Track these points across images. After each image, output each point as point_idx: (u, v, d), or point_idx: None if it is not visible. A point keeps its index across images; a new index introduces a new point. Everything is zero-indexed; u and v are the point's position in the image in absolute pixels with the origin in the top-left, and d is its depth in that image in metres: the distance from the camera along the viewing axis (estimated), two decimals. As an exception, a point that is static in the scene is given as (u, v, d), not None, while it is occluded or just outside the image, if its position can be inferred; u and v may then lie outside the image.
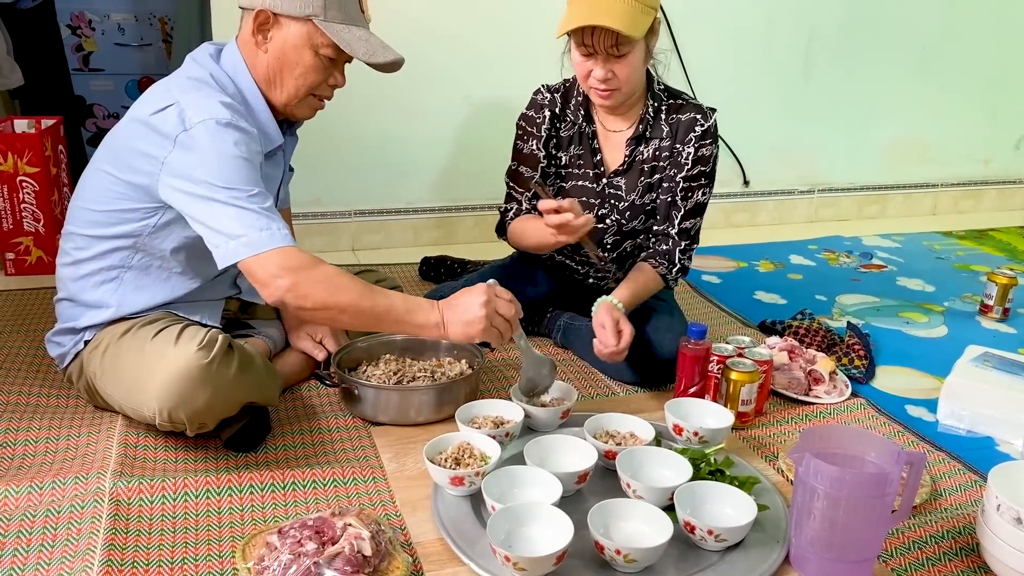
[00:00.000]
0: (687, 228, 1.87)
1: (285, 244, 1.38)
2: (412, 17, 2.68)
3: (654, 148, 1.85)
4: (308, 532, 1.18)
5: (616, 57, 1.67)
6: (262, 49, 1.54)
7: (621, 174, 1.88)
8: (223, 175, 1.38)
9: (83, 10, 3.74)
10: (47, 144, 2.41)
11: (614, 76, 1.70)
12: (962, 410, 1.81)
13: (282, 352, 1.82)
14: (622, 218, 1.90)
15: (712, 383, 1.74)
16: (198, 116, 1.41)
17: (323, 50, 1.54)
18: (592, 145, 1.89)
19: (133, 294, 1.57)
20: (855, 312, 2.48)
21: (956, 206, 3.79)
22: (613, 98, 1.75)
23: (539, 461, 1.42)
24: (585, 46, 1.68)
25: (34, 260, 2.44)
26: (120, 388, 1.49)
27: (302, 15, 1.51)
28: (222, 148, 1.40)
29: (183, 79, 1.52)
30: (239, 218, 1.37)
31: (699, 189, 1.85)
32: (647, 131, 1.85)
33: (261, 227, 1.37)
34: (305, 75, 1.56)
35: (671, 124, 1.84)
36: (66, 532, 1.26)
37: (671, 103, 1.86)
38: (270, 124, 1.59)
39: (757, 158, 3.33)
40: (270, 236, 1.37)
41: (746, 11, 3.12)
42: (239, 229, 1.37)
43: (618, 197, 1.89)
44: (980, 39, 3.50)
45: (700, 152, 1.83)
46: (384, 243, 2.90)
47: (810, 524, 1.23)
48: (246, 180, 1.40)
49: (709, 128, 1.83)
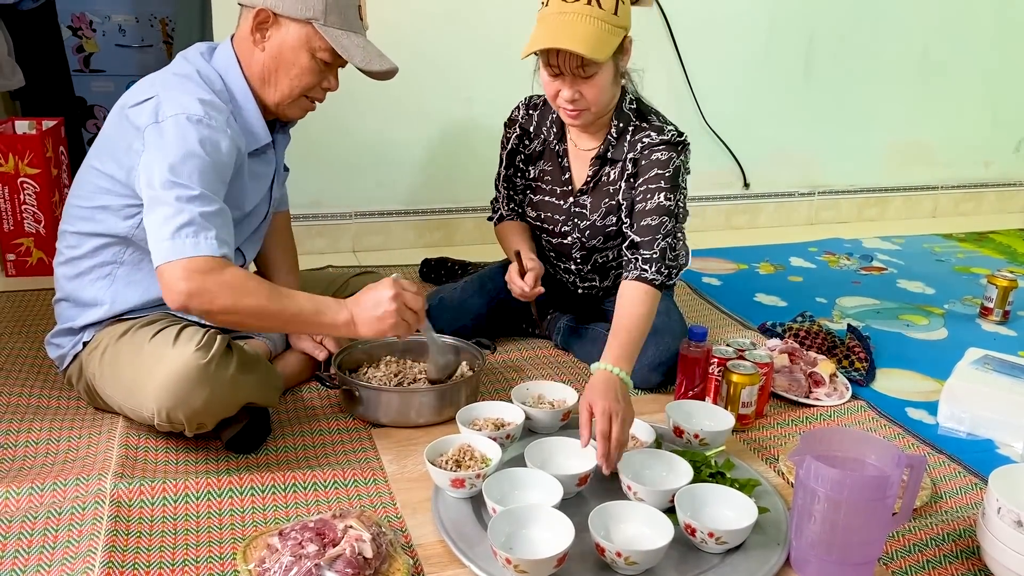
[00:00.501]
0: (651, 225, 1.72)
1: (208, 253, 1.35)
2: (414, 18, 2.68)
3: (618, 169, 1.82)
4: (309, 534, 1.18)
5: (583, 78, 1.63)
6: (259, 47, 1.55)
7: (586, 192, 1.86)
8: (177, 170, 1.37)
9: (84, 11, 3.74)
10: (48, 145, 2.41)
11: (582, 96, 1.66)
12: (962, 413, 1.81)
13: (282, 353, 1.82)
14: (582, 236, 1.88)
15: (712, 385, 1.74)
16: (171, 110, 1.42)
17: (320, 53, 1.54)
18: (562, 163, 1.88)
19: (126, 290, 1.56)
20: (855, 314, 2.48)
21: (956, 208, 3.79)
22: (582, 118, 1.72)
23: (540, 463, 1.42)
24: (551, 67, 1.64)
25: (35, 261, 2.44)
26: (119, 389, 1.49)
27: (302, 17, 1.51)
28: (186, 144, 1.39)
29: (169, 75, 1.53)
30: (171, 221, 1.35)
31: (659, 192, 1.73)
32: (608, 151, 1.81)
33: (188, 233, 1.35)
34: (300, 76, 1.56)
35: (631, 145, 1.79)
36: (67, 534, 1.26)
37: (636, 125, 1.79)
38: (257, 122, 1.59)
39: (757, 160, 3.34)
40: (194, 244, 1.34)
41: (747, 14, 3.12)
42: (166, 233, 1.35)
43: (581, 216, 1.87)
44: (980, 42, 3.51)
45: (652, 156, 1.75)
46: (385, 245, 2.90)
47: (811, 527, 1.23)
48: (199, 180, 1.38)
49: (664, 139, 1.75)
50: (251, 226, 1.70)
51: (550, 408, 1.65)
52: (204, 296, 1.34)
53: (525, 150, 1.94)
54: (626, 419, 1.43)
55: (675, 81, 3.06)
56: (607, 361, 1.52)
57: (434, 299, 2.03)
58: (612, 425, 1.40)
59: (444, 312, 1.97)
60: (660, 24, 2.99)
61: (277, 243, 1.88)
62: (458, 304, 2.00)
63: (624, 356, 1.54)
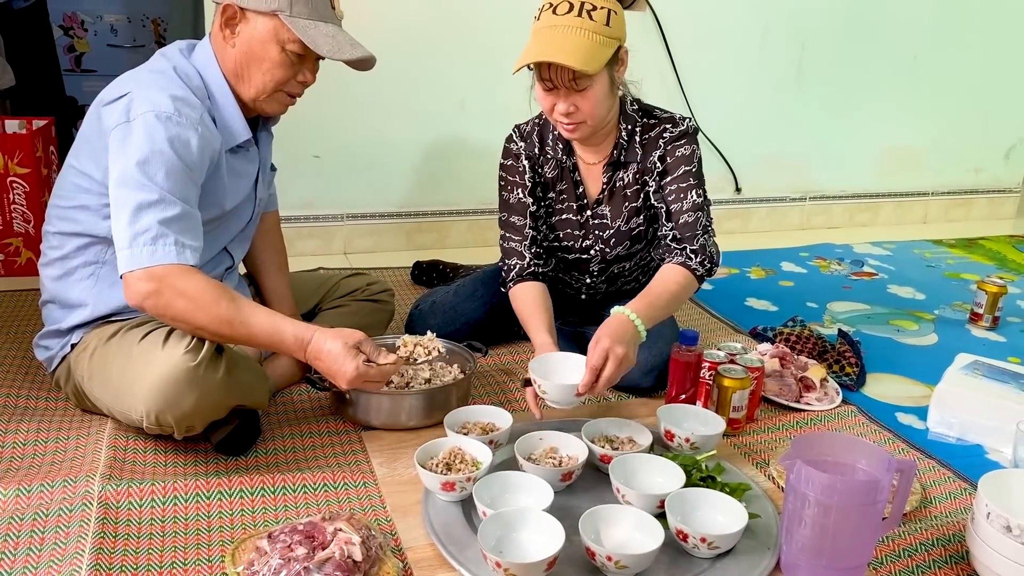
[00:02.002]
0: (689, 222, 1.77)
1: (167, 262, 1.36)
2: (407, 22, 2.67)
3: (633, 171, 1.82)
4: (298, 537, 1.18)
5: (577, 91, 1.61)
6: (229, 43, 1.54)
7: (604, 202, 1.86)
8: (142, 169, 1.38)
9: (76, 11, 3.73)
10: (38, 145, 2.40)
11: (577, 110, 1.64)
12: (952, 418, 1.81)
13: (273, 355, 1.81)
14: (606, 247, 1.88)
15: (704, 389, 1.74)
16: (141, 108, 1.41)
17: (289, 46, 1.52)
18: (574, 178, 1.86)
19: (110, 291, 1.55)
20: (846, 319, 2.49)
21: (947, 214, 3.81)
22: (579, 131, 1.70)
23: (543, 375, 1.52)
24: (544, 81, 1.62)
25: (24, 261, 2.43)
26: (108, 391, 1.48)
27: (268, 10, 1.50)
28: (154, 143, 1.39)
29: (144, 71, 1.53)
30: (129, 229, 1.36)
31: (690, 190, 1.77)
32: (622, 156, 1.81)
33: (145, 241, 1.36)
34: (272, 71, 1.54)
35: (644, 144, 1.80)
36: (54, 536, 1.25)
37: (644, 122, 1.80)
38: (236, 118, 1.58)
39: (749, 165, 3.35)
40: (151, 252, 1.36)
41: (740, 19, 3.14)
42: (124, 242, 1.36)
43: (602, 227, 1.87)
44: (971, 49, 3.53)
45: (677, 152, 1.77)
46: (376, 247, 2.90)
47: (801, 531, 1.23)
48: (164, 180, 1.39)
49: (683, 131, 1.78)
50: (237, 226, 1.69)
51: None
52: (161, 299, 1.37)
53: (541, 179, 1.87)
54: (623, 363, 1.50)
55: (668, 86, 3.07)
56: (629, 308, 1.58)
57: (426, 303, 2.03)
58: (607, 363, 1.47)
59: (436, 316, 1.97)
60: (654, 29, 3.00)
61: (266, 244, 1.87)
62: (450, 308, 1.99)
63: (646, 310, 1.60)
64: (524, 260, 1.85)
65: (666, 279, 1.71)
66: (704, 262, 1.75)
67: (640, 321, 1.56)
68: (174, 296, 1.36)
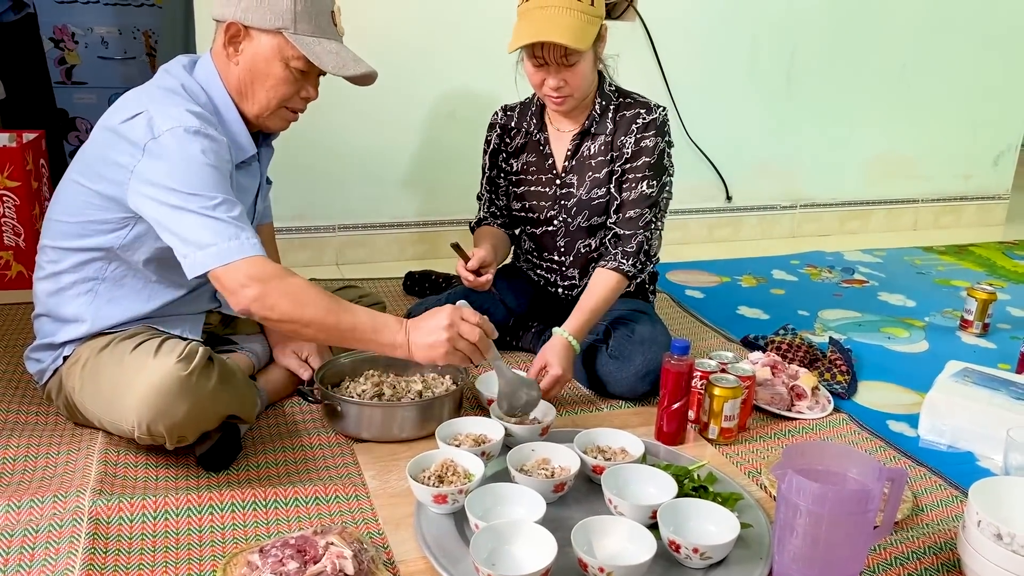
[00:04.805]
0: (632, 217, 1.89)
1: (254, 254, 1.39)
2: (398, 35, 2.68)
3: (600, 143, 1.91)
4: (290, 551, 1.18)
5: (567, 67, 1.76)
6: (233, 61, 1.55)
7: (570, 171, 1.95)
8: (191, 182, 1.39)
9: (66, 23, 3.72)
10: (28, 158, 2.40)
11: (566, 84, 1.79)
12: (943, 425, 1.82)
13: (266, 368, 1.81)
14: (568, 216, 1.96)
15: (695, 399, 1.75)
16: (166, 124, 1.42)
17: (293, 63, 1.54)
18: (544, 150, 1.98)
19: (107, 307, 1.55)
20: (837, 327, 2.50)
21: (936, 221, 3.82)
22: (567, 103, 1.84)
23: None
24: (536, 58, 1.76)
25: (14, 275, 2.42)
26: (99, 402, 1.48)
27: (272, 28, 1.51)
28: (190, 155, 1.40)
29: (153, 89, 1.53)
30: (208, 227, 1.37)
31: (643, 180, 1.87)
32: (592, 127, 1.91)
33: (230, 236, 1.38)
34: (276, 87, 1.56)
35: (616, 120, 1.90)
36: (44, 552, 1.25)
37: (620, 101, 1.92)
38: (242, 134, 1.59)
39: (740, 173, 3.36)
40: (239, 246, 1.38)
41: (729, 29, 3.15)
42: (208, 238, 1.37)
43: (568, 195, 1.96)
44: (960, 56, 3.55)
45: (642, 143, 1.87)
46: (368, 258, 2.90)
47: (793, 541, 1.23)
48: (214, 187, 1.40)
49: (653, 120, 1.88)
50: None
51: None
52: (266, 301, 1.38)
53: (507, 147, 2.03)
54: (563, 381, 1.78)
55: (657, 94, 3.08)
56: (568, 330, 1.81)
57: (418, 311, 2.03)
58: (554, 387, 1.76)
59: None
60: (643, 38, 3.01)
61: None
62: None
63: (583, 330, 1.83)
64: (485, 210, 2.10)
65: (600, 289, 1.85)
66: (636, 263, 1.88)
67: (576, 343, 1.81)
68: (279, 297, 1.38)
